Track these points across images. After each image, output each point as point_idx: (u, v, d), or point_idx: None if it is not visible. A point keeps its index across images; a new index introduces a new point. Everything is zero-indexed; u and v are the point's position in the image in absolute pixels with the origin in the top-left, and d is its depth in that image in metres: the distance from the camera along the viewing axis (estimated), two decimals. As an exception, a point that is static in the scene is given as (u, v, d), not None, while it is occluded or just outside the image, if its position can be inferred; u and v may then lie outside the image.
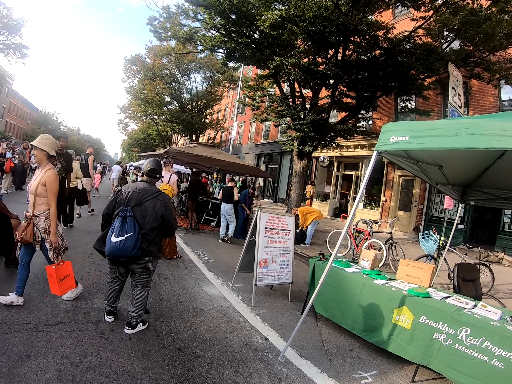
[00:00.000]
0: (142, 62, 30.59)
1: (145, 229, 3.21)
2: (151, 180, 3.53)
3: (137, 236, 3.09)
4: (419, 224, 13.99)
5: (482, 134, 2.38)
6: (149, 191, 3.34)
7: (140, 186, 3.36)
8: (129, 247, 3.04)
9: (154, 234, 3.30)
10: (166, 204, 3.39)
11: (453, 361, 2.97)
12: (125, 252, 3.05)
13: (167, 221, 3.39)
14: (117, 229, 3.07)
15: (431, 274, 4.06)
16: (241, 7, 10.41)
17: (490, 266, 6.76)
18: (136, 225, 3.12)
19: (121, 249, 3.04)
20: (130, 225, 3.09)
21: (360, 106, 12.39)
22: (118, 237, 3.04)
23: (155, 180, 3.60)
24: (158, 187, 6.52)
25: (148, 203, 3.26)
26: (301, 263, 8.03)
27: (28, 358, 2.70)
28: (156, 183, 6.81)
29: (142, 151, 42.01)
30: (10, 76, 41.04)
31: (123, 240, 3.03)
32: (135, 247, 3.07)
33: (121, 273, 3.45)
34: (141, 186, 3.38)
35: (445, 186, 4.97)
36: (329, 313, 4.34)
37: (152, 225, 3.26)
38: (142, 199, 3.27)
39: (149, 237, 3.25)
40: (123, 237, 3.04)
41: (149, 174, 3.52)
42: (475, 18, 8.72)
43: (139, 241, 3.11)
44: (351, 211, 12.44)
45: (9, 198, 10.23)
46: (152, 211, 3.26)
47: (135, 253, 3.09)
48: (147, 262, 3.34)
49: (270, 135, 26.07)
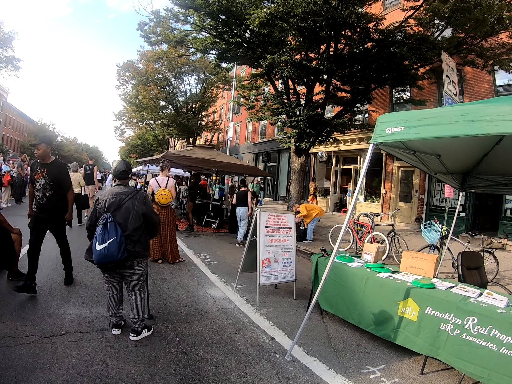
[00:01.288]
0: (135, 68, 30.55)
1: (128, 231, 3.22)
2: (124, 182, 3.53)
3: (120, 239, 3.09)
4: (421, 215, 13.97)
5: (479, 120, 2.35)
6: (125, 193, 3.35)
7: (115, 191, 3.36)
8: (114, 252, 3.04)
9: (138, 234, 3.31)
10: (145, 202, 3.41)
11: (461, 351, 2.94)
12: (111, 258, 3.05)
13: (149, 218, 3.41)
14: (99, 237, 3.09)
15: (435, 264, 4.03)
16: (230, 7, 10.38)
17: (494, 252, 6.74)
18: (117, 229, 3.13)
19: (106, 256, 3.04)
20: (111, 230, 3.10)
21: (355, 99, 12.36)
22: (102, 244, 3.05)
23: (128, 181, 3.60)
24: (156, 192, 6.59)
25: (127, 204, 3.28)
26: (304, 260, 8.00)
27: (34, 370, 2.69)
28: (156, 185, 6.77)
29: (140, 157, 41.96)
30: (4, 89, 41.06)
31: (107, 246, 3.04)
32: (120, 251, 3.07)
33: (115, 279, 3.44)
34: (116, 190, 3.38)
35: (445, 175, 4.93)
36: (334, 309, 4.31)
37: (135, 225, 3.28)
38: (120, 202, 3.27)
39: (133, 237, 3.26)
40: (106, 244, 3.05)
41: (120, 176, 3.51)
42: (465, 4, 8.69)
43: (123, 244, 3.11)
44: (350, 205, 12.42)
45: (9, 211, 10.22)
46: (133, 212, 3.27)
47: (121, 257, 3.09)
48: (135, 264, 3.34)
49: (267, 134, 26.03)
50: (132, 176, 3.62)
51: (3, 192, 12.01)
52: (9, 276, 4.71)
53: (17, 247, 4.80)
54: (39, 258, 4.43)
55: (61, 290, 4.52)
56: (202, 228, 11.67)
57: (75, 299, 4.25)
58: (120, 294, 3.55)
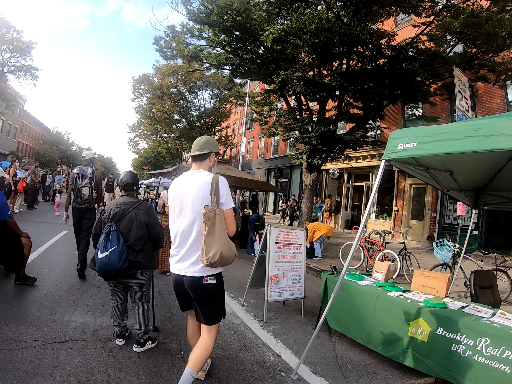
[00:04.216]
0: (150, 82, 31.13)
1: (130, 240, 3.23)
2: (129, 193, 3.54)
3: (122, 248, 3.10)
4: (433, 233, 13.72)
5: (492, 135, 2.31)
6: (129, 203, 3.37)
7: (120, 201, 3.40)
8: (115, 260, 3.04)
9: (140, 244, 3.30)
10: (149, 212, 3.41)
11: (473, 373, 2.83)
12: (112, 266, 3.05)
13: (153, 228, 3.41)
14: (101, 245, 3.11)
15: (447, 284, 3.92)
16: (244, 24, 10.58)
17: (507, 271, 6.55)
18: (120, 238, 3.14)
19: (107, 264, 3.05)
20: (113, 239, 3.11)
21: (367, 116, 12.35)
22: (103, 253, 3.07)
23: (134, 193, 3.61)
24: (167, 205, 6.59)
25: (130, 214, 3.29)
26: (314, 277, 7.88)
27: (35, 375, 2.67)
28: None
29: (152, 169, 42.45)
30: (21, 97, 42.13)
31: (108, 255, 3.05)
32: (120, 260, 3.07)
33: (119, 289, 3.43)
34: (121, 200, 3.41)
35: (457, 192, 4.85)
36: (343, 328, 4.21)
37: (137, 235, 3.28)
38: (124, 212, 3.30)
39: (135, 247, 3.26)
40: (107, 252, 3.06)
41: (125, 187, 3.54)
42: (476, 19, 8.70)
43: (124, 253, 3.11)
44: (361, 222, 12.02)
45: (20, 217, 10.40)
46: (136, 221, 3.28)
47: (121, 265, 3.08)
48: (137, 275, 3.32)
49: (279, 150, 26.09)
50: (137, 188, 3.62)
51: (17, 197, 12.23)
52: (16, 280, 4.74)
53: (26, 251, 4.84)
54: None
55: (68, 297, 4.52)
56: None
57: (81, 307, 4.24)
58: (125, 304, 3.52)
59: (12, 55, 30.18)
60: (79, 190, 5.39)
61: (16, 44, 29.61)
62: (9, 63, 30.34)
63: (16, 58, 30.42)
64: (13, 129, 42.40)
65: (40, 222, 10.60)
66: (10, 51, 29.92)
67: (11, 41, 29.36)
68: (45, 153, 48.66)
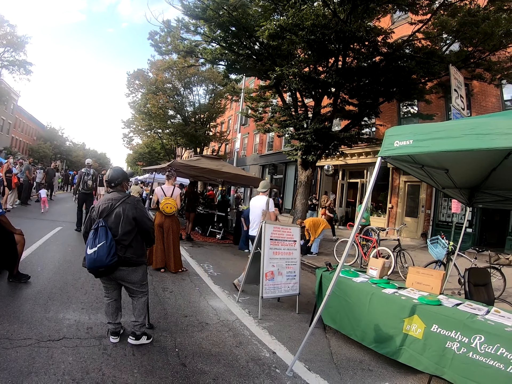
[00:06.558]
0: (145, 77, 30.84)
1: (118, 235, 3.21)
2: (116, 189, 3.52)
3: (110, 244, 3.09)
4: (427, 230, 13.81)
5: (488, 134, 2.31)
6: (117, 199, 3.35)
7: (108, 197, 3.40)
8: (103, 256, 3.03)
9: (129, 239, 3.28)
10: (136, 206, 3.38)
11: (467, 371, 2.84)
12: (101, 262, 3.04)
13: (141, 223, 3.37)
14: (90, 241, 3.10)
15: (441, 281, 3.94)
16: (240, 19, 10.52)
17: (501, 269, 6.60)
18: (108, 233, 3.13)
19: (96, 260, 3.03)
20: (101, 235, 3.10)
21: (363, 113, 12.37)
22: (92, 248, 3.06)
23: (120, 188, 3.55)
24: (161, 201, 6.56)
25: (117, 209, 3.28)
26: (308, 274, 7.90)
27: (29, 374, 2.65)
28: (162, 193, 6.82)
29: (147, 165, 42.19)
30: (15, 92, 41.70)
31: (96, 251, 3.04)
32: (109, 255, 3.05)
33: (112, 286, 3.42)
34: (109, 196, 3.41)
35: (452, 189, 4.87)
36: (338, 325, 4.22)
37: (125, 229, 3.25)
38: (112, 207, 3.29)
39: (124, 242, 3.24)
40: (96, 248, 3.05)
41: (108, 184, 3.57)
42: (473, 18, 8.74)
43: (113, 248, 3.10)
44: (356, 219, 12.31)
45: (14, 213, 10.31)
46: (123, 216, 3.26)
47: (110, 261, 3.06)
48: (128, 272, 3.30)
49: (274, 146, 26.06)
50: (120, 183, 3.56)
51: (10, 194, 12.11)
52: (9, 278, 4.69)
53: (19, 248, 4.78)
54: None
55: (61, 295, 4.48)
56: (207, 238, 11.61)
57: (75, 304, 4.21)
58: (118, 301, 3.50)
59: (6, 50, 29.76)
60: (86, 182, 9.21)
61: (10, 38, 29.19)
62: (3, 57, 29.91)
63: (9, 53, 30.02)
64: (6, 125, 42.00)
65: (34, 219, 10.50)
66: (3, 46, 29.49)
67: (5, 35, 28.94)
68: (39, 149, 48.27)
